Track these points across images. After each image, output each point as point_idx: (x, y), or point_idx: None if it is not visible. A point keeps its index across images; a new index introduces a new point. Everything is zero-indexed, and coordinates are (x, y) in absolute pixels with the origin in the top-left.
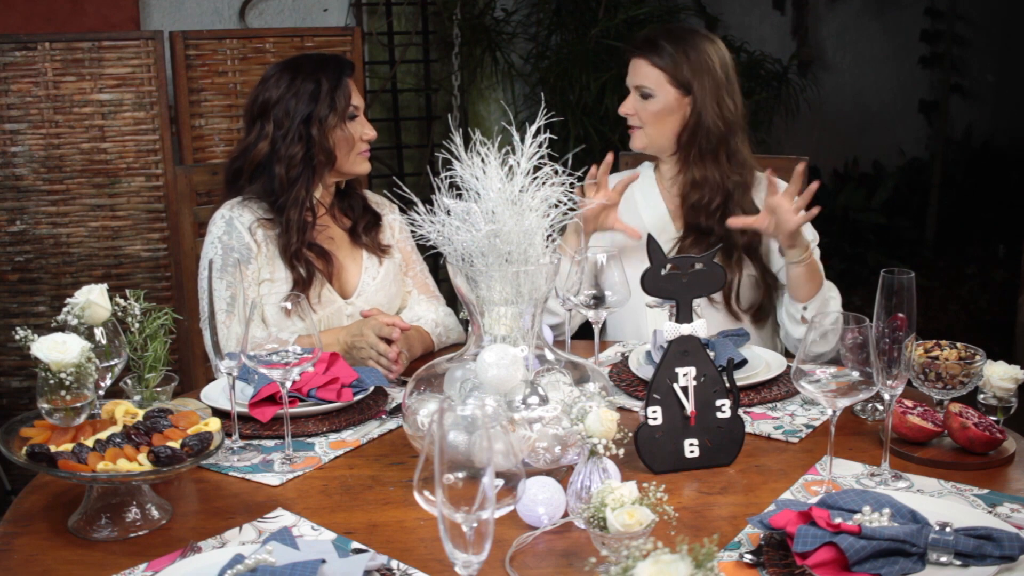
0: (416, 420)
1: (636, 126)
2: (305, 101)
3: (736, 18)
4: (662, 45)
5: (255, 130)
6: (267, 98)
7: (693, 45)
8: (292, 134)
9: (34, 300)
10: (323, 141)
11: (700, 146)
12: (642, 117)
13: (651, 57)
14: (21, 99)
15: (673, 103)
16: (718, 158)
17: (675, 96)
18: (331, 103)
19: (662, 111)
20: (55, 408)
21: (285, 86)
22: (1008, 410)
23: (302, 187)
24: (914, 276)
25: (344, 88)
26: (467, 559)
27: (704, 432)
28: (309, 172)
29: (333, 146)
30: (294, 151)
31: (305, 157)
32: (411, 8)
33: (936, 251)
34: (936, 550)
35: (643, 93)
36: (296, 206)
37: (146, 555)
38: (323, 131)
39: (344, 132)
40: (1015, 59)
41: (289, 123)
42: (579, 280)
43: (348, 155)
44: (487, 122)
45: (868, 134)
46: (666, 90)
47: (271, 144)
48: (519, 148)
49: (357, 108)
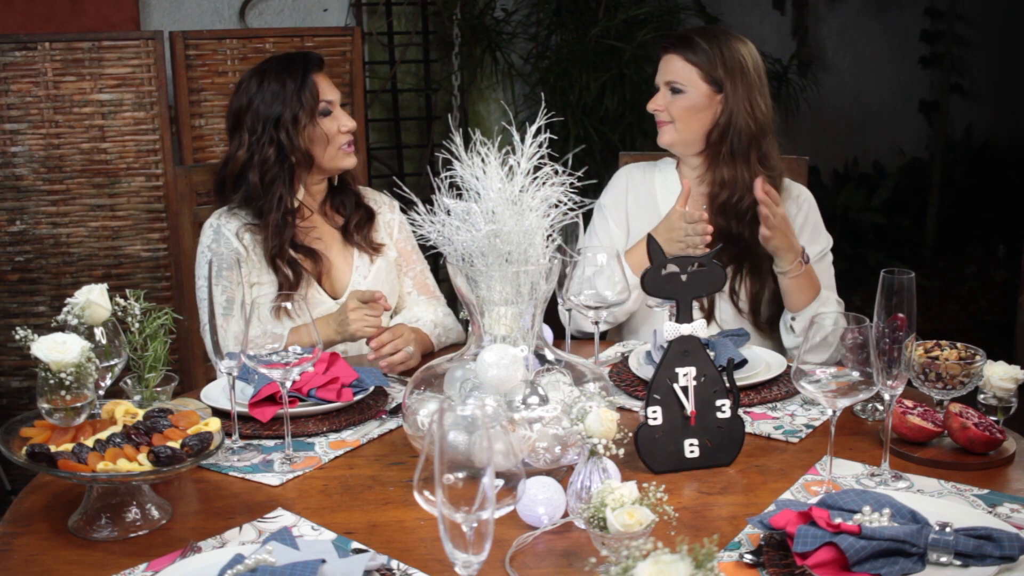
0: (416, 420)
1: (665, 121)
2: (271, 104)
3: (736, 18)
4: (696, 42)
5: (235, 140)
6: (239, 106)
7: (727, 44)
8: (264, 139)
9: (34, 300)
10: (295, 142)
11: (731, 145)
12: (672, 112)
13: (685, 53)
14: (21, 99)
15: (704, 100)
16: (748, 159)
17: (707, 92)
18: (298, 103)
19: (693, 107)
20: (55, 408)
21: (254, 91)
22: (1008, 410)
23: (279, 190)
24: (914, 276)
25: (310, 86)
26: (467, 559)
27: (704, 432)
28: (285, 175)
29: (307, 145)
30: (267, 155)
31: (278, 160)
32: (411, 8)
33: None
34: (936, 550)
35: (674, 88)
36: (275, 210)
37: (146, 555)
38: (294, 132)
39: (318, 129)
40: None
41: (261, 128)
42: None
43: (326, 151)
44: (487, 122)
45: (868, 134)
46: (698, 86)
47: (248, 151)
48: (519, 148)
49: (330, 103)
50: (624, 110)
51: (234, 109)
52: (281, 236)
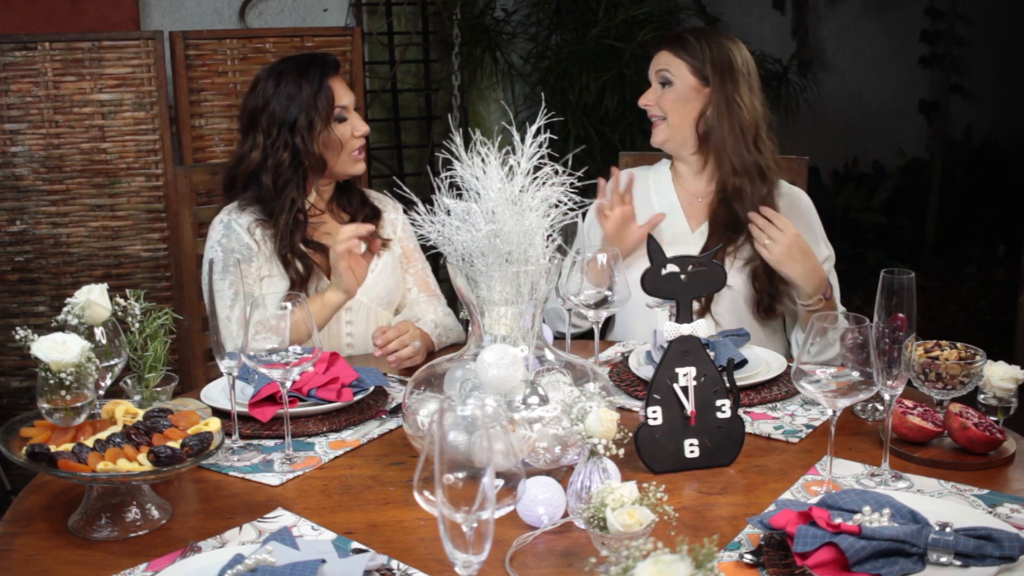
0: (416, 420)
1: (658, 117)
2: (287, 108)
3: (736, 18)
4: (686, 38)
5: (248, 139)
6: (255, 106)
7: (716, 41)
8: (279, 142)
9: (34, 300)
10: (310, 147)
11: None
12: (663, 106)
13: (674, 48)
14: (21, 99)
15: (692, 92)
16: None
17: (694, 85)
18: (314, 108)
19: (682, 98)
20: (55, 408)
21: (271, 93)
22: (1008, 410)
23: (291, 193)
24: (914, 276)
25: (325, 91)
26: (467, 559)
27: (704, 432)
28: (298, 179)
29: (321, 151)
30: (281, 159)
31: (292, 164)
32: (411, 8)
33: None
34: (936, 550)
35: (663, 80)
36: (286, 211)
37: (146, 555)
38: (309, 137)
39: (332, 135)
40: (1015, 59)
41: (276, 132)
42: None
43: (339, 157)
44: (487, 122)
45: (868, 134)
46: (686, 78)
47: (262, 153)
48: (519, 148)
49: (345, 108)
50: (624, 110)
51: (249, 108)
52: (292, 236)
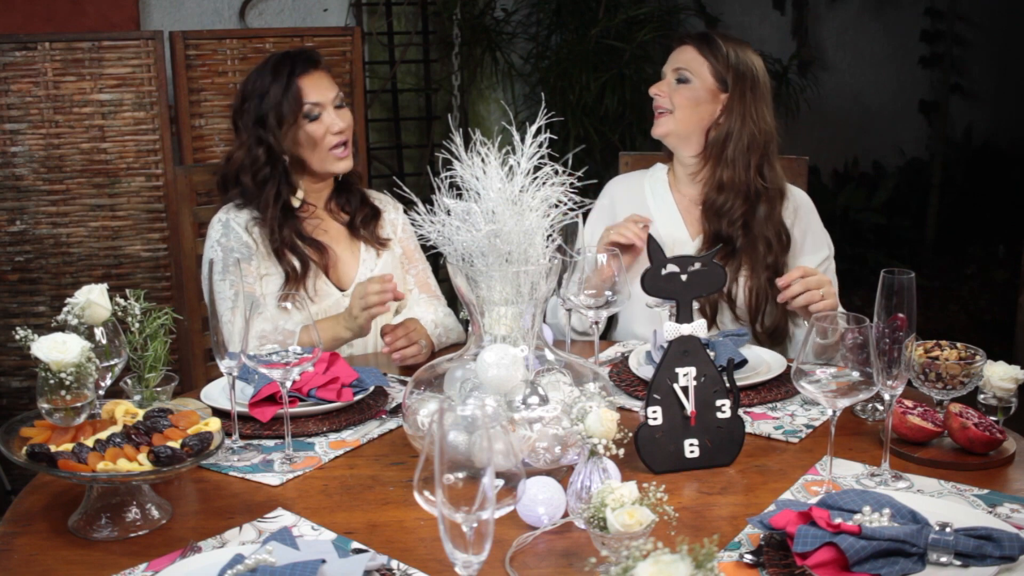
0: (416, 420)
1: (665, 109)
2: (260, 106)
3: (736, 18)
4: (714, 39)
5: (236, 139)
6: (236, 106)
7: (742, 50)
8: (251, 140)
9: (34, 300)
10: (279, 144)
11: (734, 149)
12: (674, 101)
13: (700, 46)
14: (21, 99)
15: (709, 94)
16: (748, 164)
17: (712, 88)
18: (281, 106)
19: (696, 99)
20: (55, 408)
21: (248, 91)
22: (1008, 410)
23: (272, 190)
24: (914, 276)
25: (293, 90)
26: (467, 559)
27: (704, 432)
28: (279, 175)
29: (293, 148)
30: (256, 155)
31: (269, 161)
32: (411, 8)
33: (936, 251)
34: (936, 550)
35: (680, 77)
36: (272, 206)
37: (146, 555)
38: (279, 135)
39: (302, 132)
40: (1015, 59)
41: (251, 130)
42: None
43: (314, 154)
44: (487, 122)
45: (868, 134)
46: (705, 79)
47: (244, 151)
48: (519, 148)
49: (318, 105)
50: (624, 110)
51: (233, 108)
52: (282, 231)
